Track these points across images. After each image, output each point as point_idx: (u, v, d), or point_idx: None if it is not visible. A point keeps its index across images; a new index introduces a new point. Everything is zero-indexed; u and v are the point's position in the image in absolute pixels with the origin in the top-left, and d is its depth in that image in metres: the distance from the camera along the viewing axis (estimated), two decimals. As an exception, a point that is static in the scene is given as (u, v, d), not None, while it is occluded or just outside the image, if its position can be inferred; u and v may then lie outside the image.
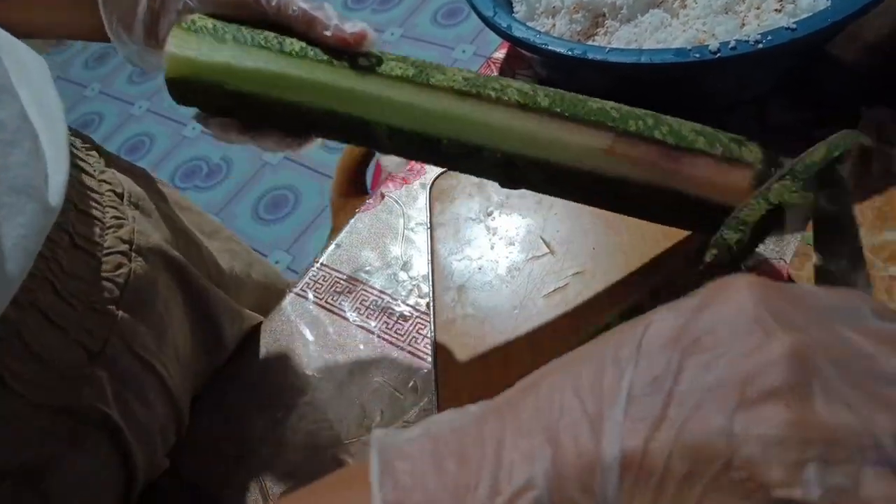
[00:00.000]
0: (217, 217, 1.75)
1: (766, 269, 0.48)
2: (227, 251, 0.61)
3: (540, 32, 0.54)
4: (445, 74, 0.39)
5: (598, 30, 0.60)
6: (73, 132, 0.48)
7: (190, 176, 1.90)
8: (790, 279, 0.47)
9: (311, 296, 0.57)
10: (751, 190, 0.38)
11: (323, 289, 0.57)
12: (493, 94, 0.37)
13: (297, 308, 0.56)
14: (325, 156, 1.72)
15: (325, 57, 0.39)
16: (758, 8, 0.56)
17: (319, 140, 0.44)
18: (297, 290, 0.58)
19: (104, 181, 0.46)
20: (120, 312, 0.43)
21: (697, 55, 0.47)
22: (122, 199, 0.47)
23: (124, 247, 0.44)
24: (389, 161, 0.45)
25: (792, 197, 0.33)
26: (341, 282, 0.57)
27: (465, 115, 0.37)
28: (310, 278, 0.58)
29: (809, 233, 0.48)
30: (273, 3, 0.39)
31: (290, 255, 1.63)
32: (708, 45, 0.47)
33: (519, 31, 0.54)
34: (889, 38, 0.59)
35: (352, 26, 0.39)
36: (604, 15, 0.60)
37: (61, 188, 0.38)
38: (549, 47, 0.51)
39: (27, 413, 0.37)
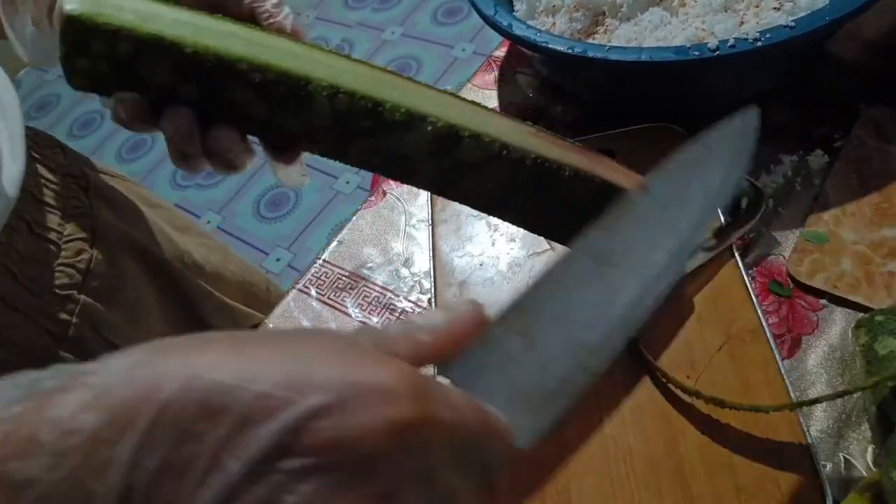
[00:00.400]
0: (218, 215, 1.76)
1: (767, 266, 0.48)
2: (202, 245, 0.61)
3: (540, 31, 0.54)
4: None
5: (598, 28, 0.61)
6: (39, 133, 0.48)
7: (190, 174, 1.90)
8: (789, 275, 0.47)
9: (313, 292, 0.57)
10: None
11: (325, 285, 0.58)
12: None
13: (300, 304, 0.57)
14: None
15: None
16: (757, 6, 0.56)
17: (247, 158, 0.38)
18: (299, 286, 0.58)
19: (68, 175, 0.47)
20: (83, 297, 0.44)
21: (697, 53, 0.47)
22: (86, 192, 0.48)
23: (85, 234, 0.45)
24: (286, 176, 0.40)
25: None
26: (343, 278, 0.58)
27: (406, 84, 0.36)
28: (312, 275, 0.58)
29: (808, 229, 0.48)
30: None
31: (291, 253, 1.63)
32: (707, 43, 0.47)
33: (519, 30, 0.54)
34: (888, 36, 0.59)
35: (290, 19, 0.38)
36: (604, 13, 0.61)
37: (17, 179, 0.39)
38: (550, 45, 0.52)
39: None
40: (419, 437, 0.19)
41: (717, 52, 0.47)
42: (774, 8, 0.55)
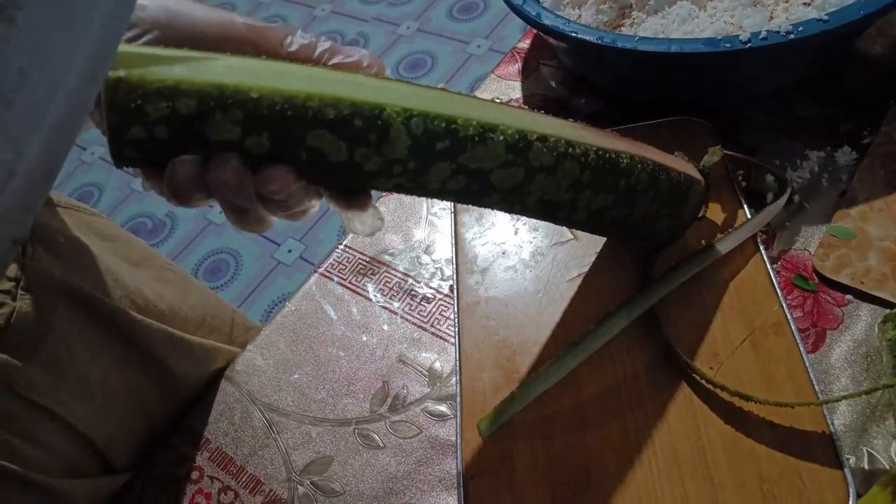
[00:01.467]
0: (230, 205, 1.76)
1: (792, 260, 0.48)
2: (157, 279, 0.58)
3: (569, 21, 0.54)
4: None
5: (625, 20, 0.61)
6: None
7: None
8: (815, 270, 0.47)
9: (335, 277, 0.57)
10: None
11: (347, 269, 0.58)
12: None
13: (322, 288, 0.57)
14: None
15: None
16: (786, 1, 0.56)
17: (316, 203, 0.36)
18: (321, 270, 0.58)
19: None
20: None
21: (728, 45, 0.47)
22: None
23: (9, 285, 0.42)
24: (362, 224, 0.37)
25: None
26: (364, 263, 0.58)
27: (465, 99, 0.36)
28: (334, 259, 0.59)
29: (834, 224, 0.48)
30: (279, 37, 0.35)
31: (303, 245, 1.64)
32: (739, 35, 0.47)
33: (548, 20, 0.54)
34: (916, 35, 0.59)
35: (371, 56, 0.36)
36: (630, 6, 0.61)
37: None
38: (579, 35, 0.52)
39: None
40: None
41: (749, 45, 0.46)
42: (805, 3, 0.55)
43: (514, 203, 0.38)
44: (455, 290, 0.52)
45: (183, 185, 0.30)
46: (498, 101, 0.37)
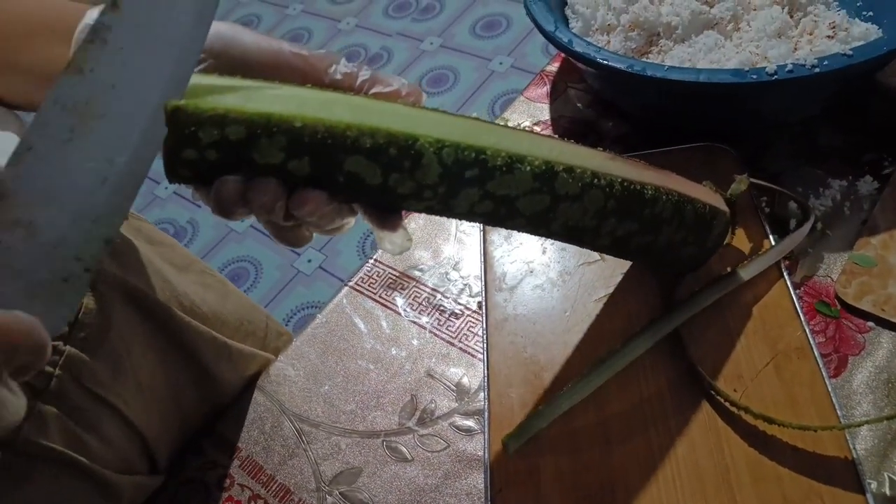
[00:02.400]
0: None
1: (814, 286, 0.49)
2: (200, 284, 0.60)
3: (600, 48, 0.56)
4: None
5: (653, 48, 0.62)
6: None
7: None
8: (837, 296, 0.48)
9: (365, 290, 0.59)
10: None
11: (377, 283, 0.60)
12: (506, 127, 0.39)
13: (352, 301, 0.59)
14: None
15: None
16: (811, 34, 0.57)
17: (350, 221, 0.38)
18: (352, 283, 0.60)
19: None
20: (68, 348, 0.43)
21: (755, 76, 0.48)
22: None
23: None
24: (392, 244, 0.39)
25: None
26: (394, 278, 0.60)
27: (497, 130, 0.37)
28: (365, 273, 0.60)
29: (857, 252, 0.49)
30: (324, 65, 0.36)
31: (322, 255, 1.66)
32: (765, 67, 0.49)
33: (579, 46, 0.56)
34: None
35: (410, 86, 0.38)
36: (658, 34, 0.62)
37: None
38: (609, 63, 0.53)
39: None
40: None
41: (776, 76, 0.48)
42: (828, 36, 0.56)
43: (539, 227, 0.40)
44: (483, 307, 0.53)
45: (226, 202, 0.33)
46: (528, 128, 0.39)
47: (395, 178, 0.34)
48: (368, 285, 0.60)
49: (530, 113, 0.69)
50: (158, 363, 0.52)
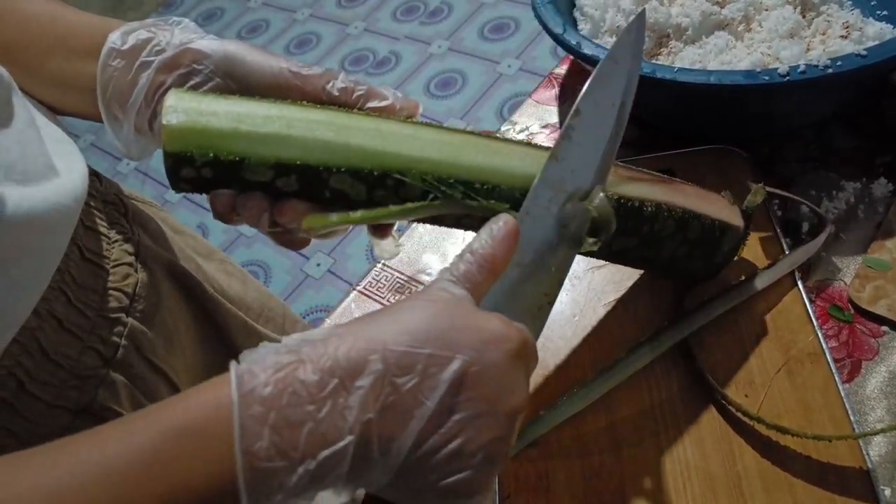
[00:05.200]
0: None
1: (828, 291, 0.49)
2: (223, 272, 0.62)
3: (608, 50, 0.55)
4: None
5: (662, 50, 0.62)
6: None
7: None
8: (851, 301, 0.47)
9: (373, 294, 0.59)
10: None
11: (384, 288, 0.59)
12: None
13: (361, 305, 0.59)
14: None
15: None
16: (823, 34, 0.57)
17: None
18: (359, 287, 0.60)
19: (106, 201, 0.49)
20: (130, 320, 0.45)
21: (766, 78, 0.48)
22: (125, 217, 0.50)
23: (130, 258, 0.47)
24: (381, 250, 0.43)
25: None
26: (402, 282, 0.59)
27: (493, 145, 0.38)
28: (373, 277, 0.60)
29: (871, 255, 0.48)
30: (321, 83, 0.39)
31: (331, 259, 1.66)
32: (777, 68, 0.48)
33: (588, 48, 0.55)
34: (953, 68, 0.59)
35: (404, 99, 0.40)
36: (668, 36, 0.62)
37: (81, 183, 0.41)
38: None
39: (46, 414, 0.40)
40: (523, 354, 0.31)
41: (787, 78, 0.47)
42: (842, 36, 0.55)
43: None
44: (492, 311, 0.53)
45: (220, 211, 0.37)
46: (531, 135, 0.39)
47: (381, 195, 0.36)
48: (376, 289, 0.59)
49: (539, 116, 0.68)
50: (197, 341, 0.54)
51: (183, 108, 0.35)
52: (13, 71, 0.40)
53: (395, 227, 0.42)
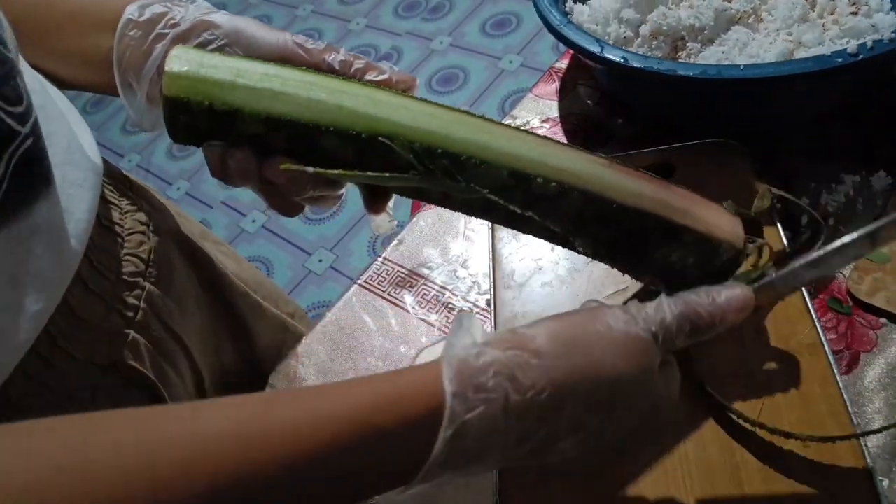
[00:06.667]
0: (264, 214, 1.80)
1: (826, 283, 0.49)
2: (220, 252, 0.64)
3: (636, 54, 0.55)
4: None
5: (680, 53, 0.61)
6: None
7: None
8: (849, 293, 0.48)
9: (374, 288, 0.59)
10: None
11: (385, 281, 0.60)
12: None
13: (362, 299, 0.59)
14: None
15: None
16: (832, 13, 0.57)
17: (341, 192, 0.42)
18: (360, 281, 0.60)
19: (112, 176, 0.52)
20: (147, 284, 0.48)
21: (840, 60, 0.47)
22: (132, 190, 0.53)
23: (143, 227, 0.50)
24: (376, 225, 0.44)
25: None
26: (403, 276, 0.60)
27: (479, 123, 0.37)
28: (374, 271, 0.61)
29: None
30: (323, 56, 0.40)
31: (333, 255, 1.66)
32: (845, 49, 0.48)
33: (611, 53, 0.54)
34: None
35: (400, 73, 0.41)
36: (683, 38, 0.61)
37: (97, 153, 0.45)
38: (678, 72, 0.52)
39: (78, 370, 0.43)
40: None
41: (861, 56, 0.47)
42: (851, 13, 0.55)
43: (517, 224, 0.39)
44: (492, 305, 0.53)
45: (212, 163, 0.38)
46: (533, 127, 0.38)
47: (368, 162, 0.36)
48: (377, 283, 0.60)
49: (539, 110, 0.69)
50: (205, 311, 0.56)
51: (186, 59, 0.36)
52: (22, 46, 0.41)
53: (391, 205, 0.43)
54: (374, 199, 0.41)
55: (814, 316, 0.46)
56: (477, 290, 0.57)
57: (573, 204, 0.38)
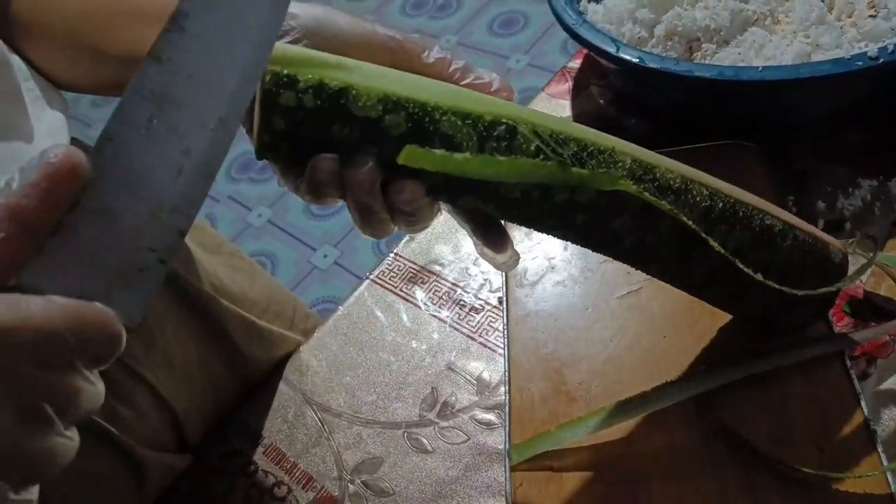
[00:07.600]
0: (269, 209, 1.80)
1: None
2: (229, 266, 0.62)
3: (652, 54, 0.55)
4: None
5: (695, 55, 0.60)
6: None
7: (245, 168, 1.94)
8: (866, 296, 0.47)
9: (386, 284, 0.59)
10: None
11: (397, 277, 0.60)
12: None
13: (373, 294, 0.59)
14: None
15: None
16: (849, 16, 0.57)
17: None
18: (373, 276, 0.60)
19: None
20: None
21: (860, 63, 0.47)
22: None
23: None
24: (501, 264, 0.40)
25: None
26: (415, 272, 0.60)
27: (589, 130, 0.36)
28: (385, 267, 0.61)
29: (887, 253, 0.48)
30: (417, 50, 0.37)
31: (338, 251, 1.66)
32: (866, 52, 0.48)
33: (627, 54, 0.54)
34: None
35: (502, 81, 0.38)
36: (698, 39, 0.61)
37: None
38: (696, 72, 0.52)
39: None
40: None
41: (881, 60, 0.47)
42: (871, 16, 0.55)
43: (643, 231, 0.38)
44: (505, 302, 0.53)
45: (322, 181, 0.32)
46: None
47: (491, 149, 0.33)
48: (389, 279, 0.60)
49: (551, 110, 0.68)
50: (191, 341, 0.54)
51: (290, 46, 0.33)
52: (74, 55, 0.39)
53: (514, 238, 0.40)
54: (490, 231, 0.37)
55: (830, 321, 0.46)
56: (489, 287, 0.57)
57: (699, 200, 0.38)
